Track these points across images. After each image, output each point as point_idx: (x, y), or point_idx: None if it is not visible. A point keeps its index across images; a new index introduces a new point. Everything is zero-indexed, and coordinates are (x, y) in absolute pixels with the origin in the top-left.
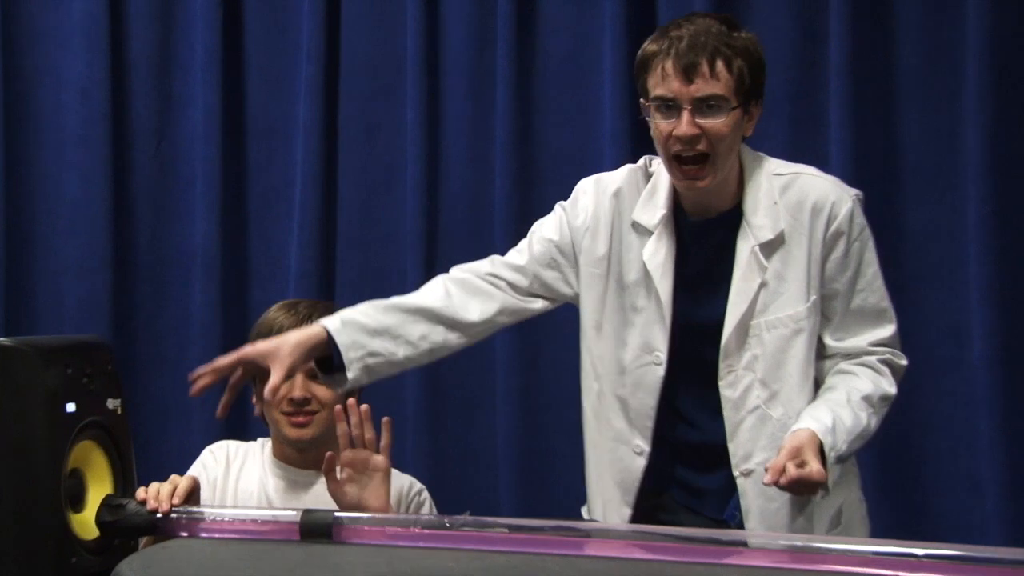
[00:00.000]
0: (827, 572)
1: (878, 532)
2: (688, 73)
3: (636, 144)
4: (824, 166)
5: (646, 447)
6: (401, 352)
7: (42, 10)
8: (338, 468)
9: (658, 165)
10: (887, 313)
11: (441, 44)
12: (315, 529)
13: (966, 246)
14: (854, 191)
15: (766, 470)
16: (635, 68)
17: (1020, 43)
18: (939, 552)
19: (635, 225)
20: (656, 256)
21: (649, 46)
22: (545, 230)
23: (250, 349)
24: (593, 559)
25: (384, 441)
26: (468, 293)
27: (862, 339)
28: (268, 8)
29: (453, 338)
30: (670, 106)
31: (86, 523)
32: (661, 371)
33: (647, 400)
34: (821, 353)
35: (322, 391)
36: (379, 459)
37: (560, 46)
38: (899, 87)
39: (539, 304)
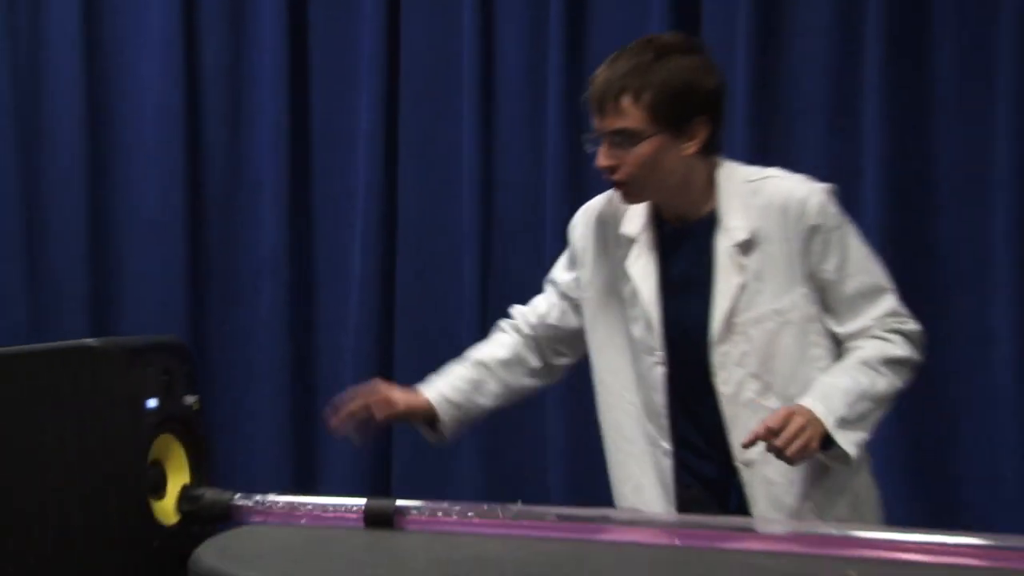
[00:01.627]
0: (850, 557)
1: (906, 522)
2: (599, 109)
3: None
4: (858, 176)
5: (669, 446)
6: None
7: (122, 26)
8: None
9: None
10: (883, 288)
11: (495, 59)
12: (378, 517)
13: (994, 253)
14: (823, 185)
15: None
16: None
17: None
18: (965, 541)
19: (621, 237)
20: (638, 262)
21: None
22: (557, 266)
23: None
24: (633, 545)
25: None
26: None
27: (866, 318)
28: (332, 24)
29: (526, 382)
30: (595, 138)
31: (166, 510)
32: (663, 370)
33: (659, 399)
34: (838, 343)
35: None
36: None
37: None
38: (933, 105)
39: (565, 360)
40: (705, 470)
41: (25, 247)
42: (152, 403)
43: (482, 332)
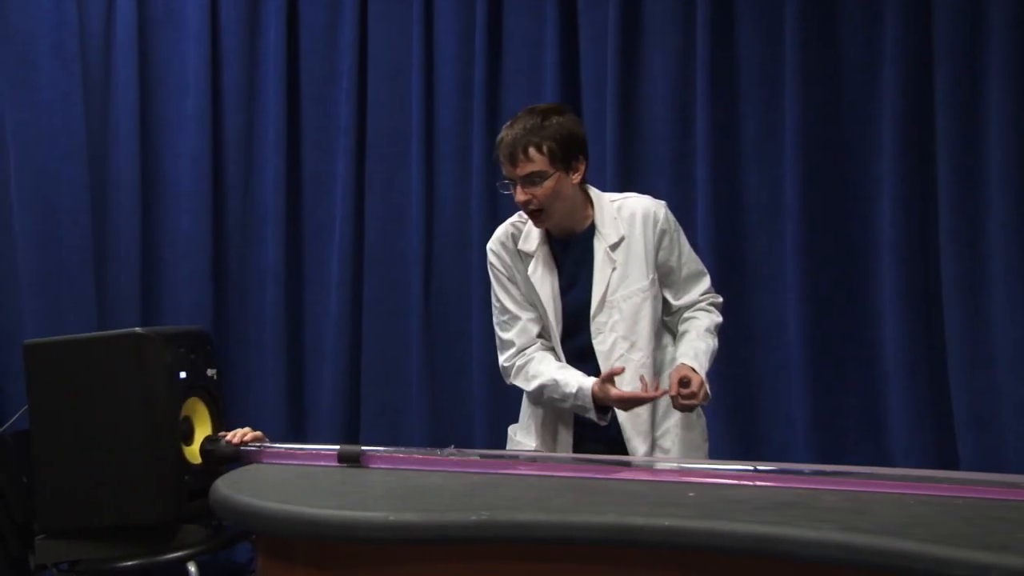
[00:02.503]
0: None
1: (727, 455)
2: (512, 160)
3: None
4: (692, 209)
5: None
6: None
7: (166, 104)
8: None
9: None
10: (704, 272)
11: (435, 125)
12: (349, 458)
13: (785, 263)
14: (662, 201)
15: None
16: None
17: (824, 135)
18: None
19: (523, 254)
20: (536, 271)
21: (497, 141)
22: (502, 296)
23: None
24: (534, 476)
25: None
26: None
27: (694, 293)
28: (318, 100)
29: None
30: (511, 183)
31: (193, 453)
32: (558, 348)
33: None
34: (670, 310)
35: None
36: None
37: None
38: (742, 155)
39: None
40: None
41: (94, 262)
42: (183, 375)
43: (426, 316)
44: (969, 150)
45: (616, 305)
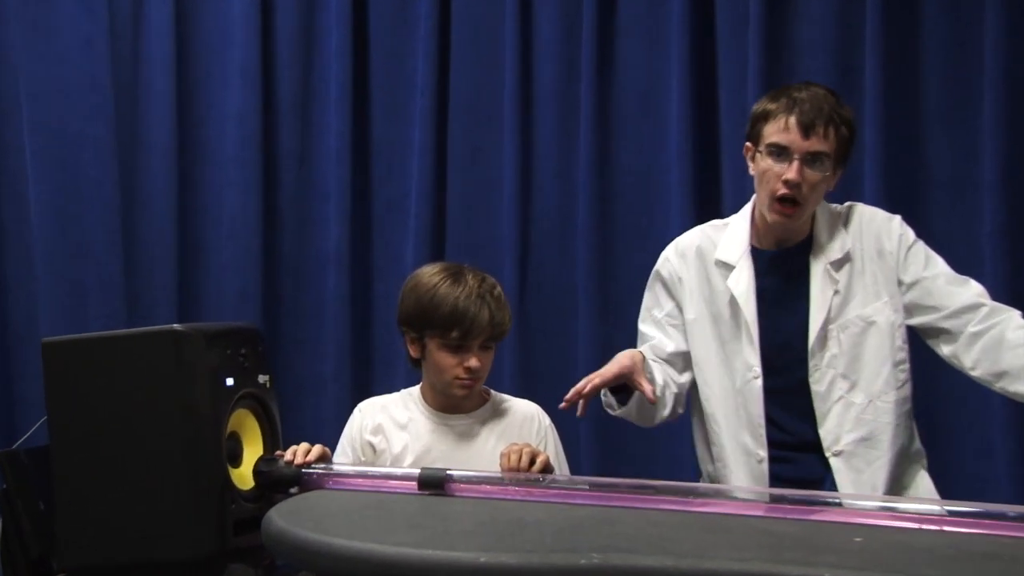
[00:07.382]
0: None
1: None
2: (807, 130)
3: (698, 165)
4: (859, 183)
5: (764, 454)
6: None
7: (209, 58)
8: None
9: (731, 218)
10: (969, 280)
11: (534, 79)
12: (431, 483)
13: (982, 250)
14: (896, 215)
15: None
16: (752, 118)
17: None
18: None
19: (718, 263)
20: (739, 284)
21: (769, 103)
22: (647, 308)
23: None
24: (658, 512)
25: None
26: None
27: (962, 298)
28: (390, 52)
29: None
30: (782, 153)
31: (243, 476)
32: (760, 382)
33: (756, 410)
34: (944, 331)
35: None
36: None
37: (635, 82)
38: (925, 121)
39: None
40: (793, 471)
41: (122, 245)
42: (229, 381)
43: (521, 312)
44: None
45: (835, 336)
